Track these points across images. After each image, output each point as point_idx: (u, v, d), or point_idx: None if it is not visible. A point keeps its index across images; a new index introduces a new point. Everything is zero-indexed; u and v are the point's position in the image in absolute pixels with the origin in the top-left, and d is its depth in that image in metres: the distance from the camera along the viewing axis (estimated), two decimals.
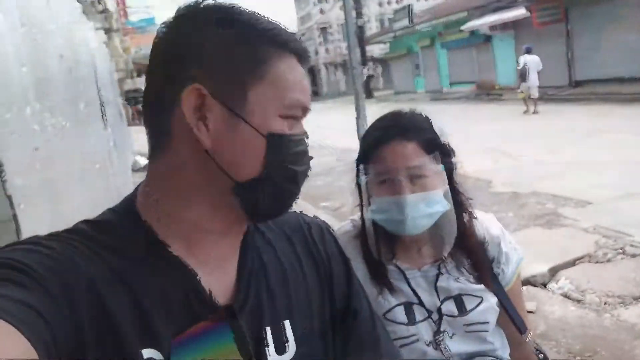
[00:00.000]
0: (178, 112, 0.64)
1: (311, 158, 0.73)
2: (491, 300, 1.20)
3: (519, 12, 17.34)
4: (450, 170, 1.21)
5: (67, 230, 0.66)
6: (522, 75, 13.22)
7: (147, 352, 0.61)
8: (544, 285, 3.80)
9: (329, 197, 6.88)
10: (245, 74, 0.65)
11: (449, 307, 1.19)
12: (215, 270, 0.70)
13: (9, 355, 0.45)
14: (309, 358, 0.74)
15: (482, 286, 1.20)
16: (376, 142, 1.16)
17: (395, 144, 1.13)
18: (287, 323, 0.73)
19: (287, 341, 0.72)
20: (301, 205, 0.75)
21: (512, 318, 1.22)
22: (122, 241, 0.65)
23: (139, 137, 14.45)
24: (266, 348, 0.70)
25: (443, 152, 1.17)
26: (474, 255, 1.21)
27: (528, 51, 13.65)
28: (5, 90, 1.67)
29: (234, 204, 0.67)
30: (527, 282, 3.73)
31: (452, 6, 23.37)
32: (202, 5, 0.67)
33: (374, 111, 1.31)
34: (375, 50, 37.10)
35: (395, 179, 1.12)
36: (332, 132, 7.12)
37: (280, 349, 0.71)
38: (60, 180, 2.32)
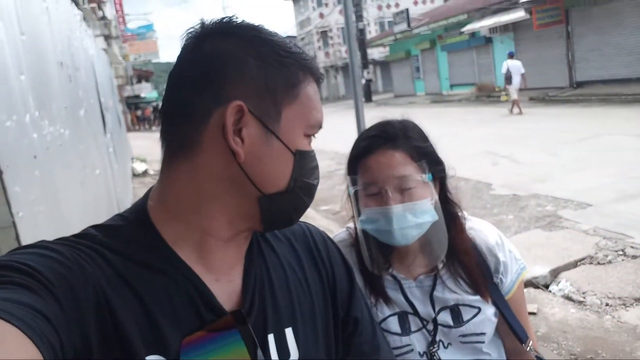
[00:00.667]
0: (213, 123, 0.65)
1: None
2: (488, 311, 1.18)
3: (519, 14, 17.38)
4: (441, 179, 1.19)
5: (76, 234, 0.67)
6: (508, 78, 14.03)
7: (152, 359, 0.61)
8: (545, 287, 3.80)
9: (329, 200, 6.87)
10: (281, 93, 0.68)
11: (445, 317, 1.17)
12: (222, 277, 0.71)
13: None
14: None
15: (478, 297, 1.18)
16: (363, 152, 1.15)
17: (381, 153, 1.12)
18: (289, 330, 0.74)
19: (289, 348, 0.73)
20: None
21: (512, 327, 1.20)
22: (130, 246, 0.66)
23: (135, 144, 14.50)
24: (269, 355, 0.70)
25: (433, 161, 1.15)
26: (469, 266, 1.18)
27: (511, 56, 14.69)
28: (4, 99, 1.68)
29: (252, 215, 0.70)
30: (528, 283, 3.73)
31: (452, 9, 23.44)
32: (234, 22, 0.69)
33: (373, 115, 1.29)
34: (375, 53, 37.17)
35: (382, 189, 1.10)
36: (332, 136, 7.11)
37: (283, 356, 0.72)
38: (60, 187, 2.33)
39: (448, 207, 1.20)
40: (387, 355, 0.88)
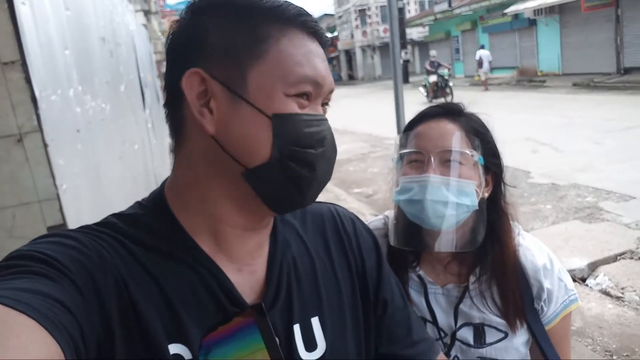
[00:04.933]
0: (186, 101, 0.63)
1: (333, 141, 0.69)
2: (517, 339, 1.08)
3: None
4: (496, 178, 1.11)
5: (97, 223, 0.66)
6: (480, 64, 18.90)
7: (174, 347, 0.60)
8: (582, 280, 3.70)
9: (362, 183, 6.84)
10: (243, 53, 0.62)
11: (466, 334, 1.09)
12: (244, 267, 0.69)
13: (31, 352, 0.44)
14: (341, 354, 0.73)
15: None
16: (418, 118, 1.10)
17: (436, 121, 1.06)
18: (315, 319, 0.72)
19: (316, 338, 0.71)
20: (333, 192, 0.74)
21: None
22: (151, 235, 0.65)
23: None
24: (295, 346, 0.68)
25: (489, 150, 1.08)
26: (505, 290, 1.07)
27: (482, 47, 19.78)
28: (50, 73, 1.71)
29: (249, 193, 0.65)
30: None
31: None
32: None
33: (410, 99, 1.24)
34: (414, 33, 36.40)
35: (426, 156, 1.03)
36: (366, 118, 7.04)
37: (310, 346, 0.70)
38: (101, 161, 2.38)
39: (498, 212, 1.10)
40: (420, 336, 0.83)
